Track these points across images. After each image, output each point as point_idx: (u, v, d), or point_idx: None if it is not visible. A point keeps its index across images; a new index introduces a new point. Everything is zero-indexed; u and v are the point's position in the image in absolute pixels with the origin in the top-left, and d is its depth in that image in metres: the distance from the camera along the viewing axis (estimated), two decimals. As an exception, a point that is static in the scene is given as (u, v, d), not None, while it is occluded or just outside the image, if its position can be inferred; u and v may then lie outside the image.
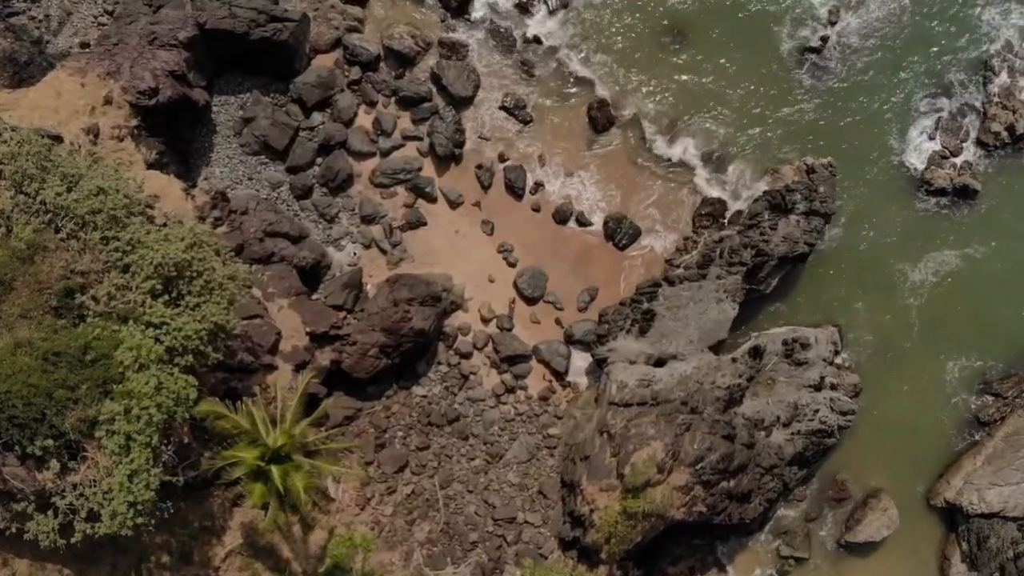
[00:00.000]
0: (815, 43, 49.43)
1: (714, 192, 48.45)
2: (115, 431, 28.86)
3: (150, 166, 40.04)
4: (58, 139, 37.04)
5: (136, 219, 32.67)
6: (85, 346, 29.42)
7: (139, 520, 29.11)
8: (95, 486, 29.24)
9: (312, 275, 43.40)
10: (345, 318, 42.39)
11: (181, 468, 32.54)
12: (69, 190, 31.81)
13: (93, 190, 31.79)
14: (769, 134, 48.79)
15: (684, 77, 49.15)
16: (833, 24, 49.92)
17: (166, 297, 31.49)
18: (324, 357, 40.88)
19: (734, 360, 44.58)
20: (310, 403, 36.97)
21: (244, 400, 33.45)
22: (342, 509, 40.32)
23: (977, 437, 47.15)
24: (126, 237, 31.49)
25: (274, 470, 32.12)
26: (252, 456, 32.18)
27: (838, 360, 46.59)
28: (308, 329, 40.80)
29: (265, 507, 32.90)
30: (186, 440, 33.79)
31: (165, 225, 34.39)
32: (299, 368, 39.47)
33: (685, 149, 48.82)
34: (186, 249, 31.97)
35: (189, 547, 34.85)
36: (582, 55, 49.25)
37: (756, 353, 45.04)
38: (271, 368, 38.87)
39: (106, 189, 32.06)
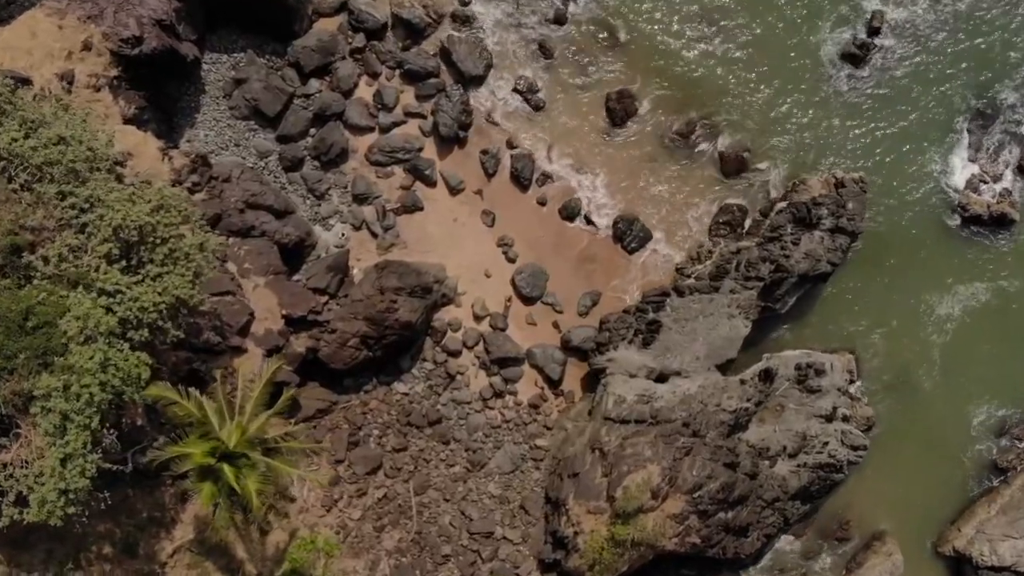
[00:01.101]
0: (855, 49, 46.60)
1: (734, 199, 45.56)
2: (51, 409, 26.28)
3: (127, 121, 37.36)
4: (27, 82, 34.43)
5: (99, 175, 30.05)
6: (27, 311, 26.89)
7: (70, 510, 26.61)
8: (26, 467, 26.73)
9: (294, 254, 40.69)
10: (326, 303, 39.78)
11: (131, 453, 30.25)
12: (27, 136, 29.24)
13: (53, 139, 29.28)
14: (798, 141, 46.03)
15: (712, 71, 46.30)
16: (876, 32, 47.02)
17: (124, 263, 28.94)
18: (299, 343, 38.31)
19: (743, 382, 41.95)
20: (279, 393, 34.24)
21: (194, 391, 30.54)
22: (306, 509, 37.76)
23: (994, 483, 44.60)
24: (84, 194, 28.91)
25: (226, 469, 29.25)
26: (202, 452, 29.32)
27: (852, 390, 43.87)
28: (284, 312, 38.15)
29: (216, 507, 30.08)
30: (139, 422, 31.40)
31: (132, 185, 31.69)
32: (271, 353, 36.88)
33: (707, 150, 45.90)
34: (151, 212, 29.30)
35: (135, 539, 32.32)
36: (604, 38, 46.21)
37: (767, 376, 42.41)
38: (240, 351, 36.25)
39: (68, 139, 29.50)
